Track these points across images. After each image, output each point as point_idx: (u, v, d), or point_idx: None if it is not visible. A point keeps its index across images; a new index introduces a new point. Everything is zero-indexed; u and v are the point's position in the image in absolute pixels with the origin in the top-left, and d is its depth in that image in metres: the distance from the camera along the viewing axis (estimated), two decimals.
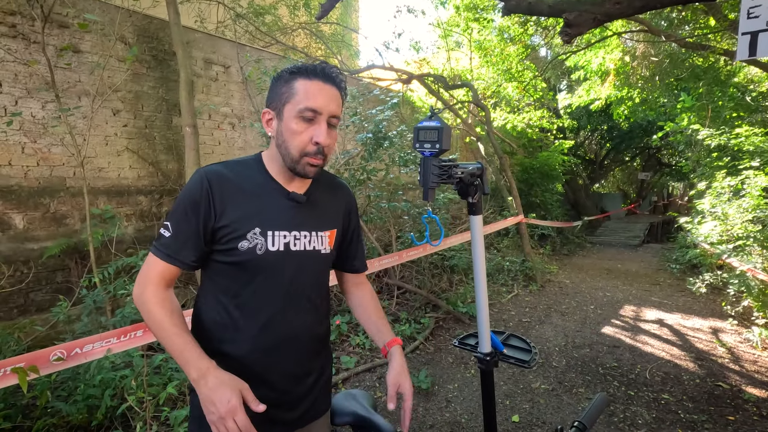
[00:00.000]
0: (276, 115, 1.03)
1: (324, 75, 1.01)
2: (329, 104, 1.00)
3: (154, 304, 0.99)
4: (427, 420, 2.78)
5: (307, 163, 1.01)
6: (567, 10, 2.20)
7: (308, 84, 0.99)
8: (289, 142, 1.01)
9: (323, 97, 0.99)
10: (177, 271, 1.03)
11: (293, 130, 0.99)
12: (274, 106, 1.04)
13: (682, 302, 5.68)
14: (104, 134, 3.88)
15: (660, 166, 18.99)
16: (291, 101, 1.00)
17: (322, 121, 1.00)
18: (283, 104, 1.01)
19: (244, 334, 1.04)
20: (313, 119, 0.99)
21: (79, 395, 2.13)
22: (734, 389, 3.18)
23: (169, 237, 1.00)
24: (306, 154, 1.00)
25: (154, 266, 1.01)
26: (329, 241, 1.15)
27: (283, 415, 1.09)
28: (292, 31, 7.83)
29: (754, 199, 4.26)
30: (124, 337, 1.83)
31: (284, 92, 1.01)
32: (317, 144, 1.00)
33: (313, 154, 1.00)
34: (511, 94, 8.90)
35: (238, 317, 1.04)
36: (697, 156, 6.45)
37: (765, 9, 1.49)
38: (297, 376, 1.10)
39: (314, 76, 1.00)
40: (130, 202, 4.09)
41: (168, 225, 1.01)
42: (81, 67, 3.68)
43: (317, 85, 1.00)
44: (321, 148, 1.01)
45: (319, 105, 0.98)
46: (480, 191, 1.17)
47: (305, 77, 1.00)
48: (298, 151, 1.00)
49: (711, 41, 6.04)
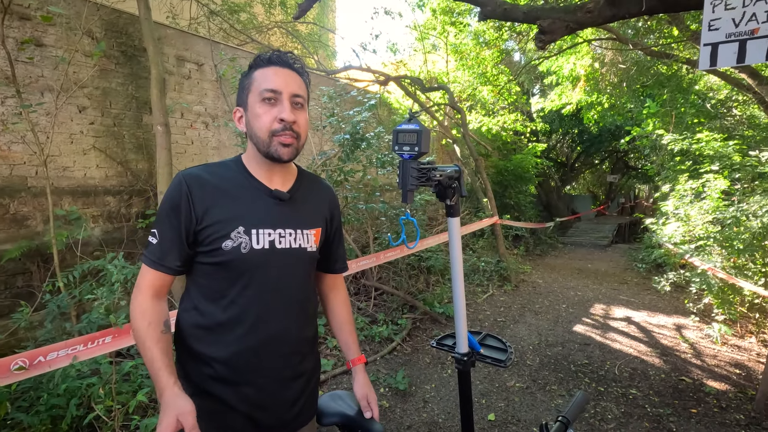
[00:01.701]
0: (244, 109, 1.07)
1: (279, 61, 1.05)
2: (288, 84, 1.03)
3: (136, 314, 1.00)
4: (404, 421, 2.79)
5: (278, 143, 1.02)
6: (541, 17, 2.26)
7: (264, 70, 1.04)
8: (255, 126, 1.03)
9: (280, 78, 1.03)
10: (167, 278, 1.03)
11: (257, 114, 1.02)
12: (242, 102, 1.07)
13: (648, 300, 5.91)
14: (69, 132, 3.72)
15: (627, 169, 19.71)
16: (251, 90, 1.04)
17: (284, 100, 1.02)
18: (247, 96, 1.05)
19: (231, 336, 1.02)
20: (275, 100, 1.02)
21: (42, 405, 2.03)
22: (696, 383, 3.33)
23: (155, 244, 1.01)
24: (274, 132, 1.02)
25: (144, 275, 1.03)
26: (315, 240, 1.15)
27: (273, 420, 1.07)
28: (268, 30, 7.72)
29: (714, 201, 4.47)
30: (91, 343, 1.75)
31: (246, 85, 1.06)
32: (282, 120, 1.01)
33: (280, 131, 1.02)
34: (486, 97, 9.05)
35: (223, 319, 1.02)
36: (661, 160, 6.72)
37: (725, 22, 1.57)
38: (286, 379, 1.08)
39: (269, 63, 1.05)
40: (97, 202, 3.93)
41: (154, 232, 1.02)
42: (44, 61, 3.52)
43: (273, 69, 1.04)
44: (288, 125, 1.02)
45: (276, 85, 1.02)
46: (458, 194, 1.19)
47: (262, 66, 1.05)
48: (265, 131, 1.02)
49: (674, 50, 6.32)
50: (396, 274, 5.08)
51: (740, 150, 4.85)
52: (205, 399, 1.02)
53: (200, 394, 1.02)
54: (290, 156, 1.05)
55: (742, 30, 1.58)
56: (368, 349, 3.81)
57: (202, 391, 1.03)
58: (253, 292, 1.04)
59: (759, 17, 1.55)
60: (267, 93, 1.01)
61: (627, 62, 7.41)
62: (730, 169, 4.73)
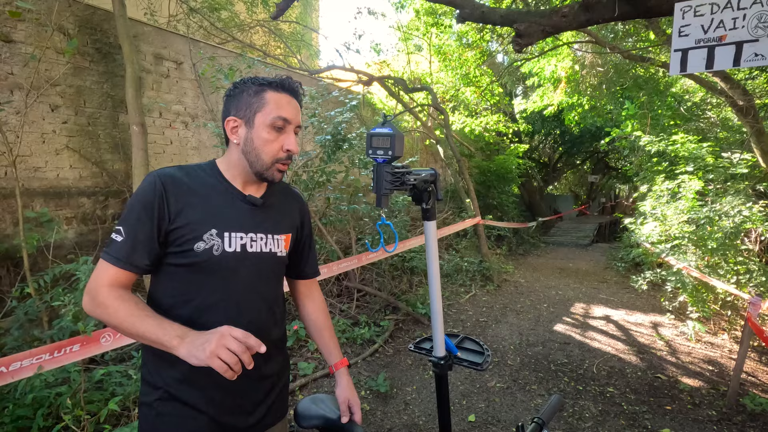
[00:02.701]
0: (245, 123, 1.07)
1: (291, 89, 1.10)
2: (297, 115, 1.10)
3: (114, 299, 0.95)
4: (385, 423, 2.78)
5: (276, 169, 1.09)
6: (517, 20, 2.28)
7: (278, 96, 1.07)
8: (261, 150, 1.06)
9: (292, 108, 1.08)
10: (131, 277, 1.00)
11: (265, 139, 1.06)
12: (243, 115, 1.07)
13: (626, 299, 6.03)
14: (41, 131, 3.60)
15: (608, 170, 20.11)
16: (262, 111, 1.06)
17: (291, 131, 1.08)
18: (253, 113, 1.06)
19: None
20: (284, 128, 1.07)
21: (6, 416, 1.95)
22: (671, 380, 3.40)
23: (121, 242, 0.98)
24: (277, 160, 1.08)
25: (106, 272, 0.98)
26: (285, 245, 1.18)
27: (240, 422, 1.08)
28: (250, 29, 7.62)
29: (689, 202, 4.58)
30: (57, 352, 1.69)
31: (254, 102, 1.06)
32: (288, 151, 1.07)
33: (283, 160, 1.09)
34: (469, 98, 9.11)
35: (191, 320, 1.01)
36: (639, 161, 6.86)
37: (694, 28, 1.61)
38: (253, 380, 1.09)
39: (282, 89, 1.08)
40: (70, 204, 3.82)
41: (120, 230, 0.99)
42: (13, 58, 3.40)
43: (286, 98, 1.08)
44: (291, 155, 1.09)
45: (289, 116, 1.07)
46: (434, 197, 1.19)
47: (275, 90, 1.07)
48: (270, 157, 1.07)
49: (651, 54, 6.46)
50: (379, 275, 5.07)
51: (714, 152, 4.99)
52: (172, 404, 1.02)
53: (166, 398, 1.02)
54: (281, 178, 1.13)
55: (711, 36, 1.62)
56: (350, 352, 3.79)
57: (168, 396, 1.02)
58: (222, 294, 1.04)
59: (726, 24, 1.59)
60: (279, 121, 1.05)
61: (606, 65, 7.55)
62: (704, 171, 4.86)
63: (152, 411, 1.02)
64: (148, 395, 1.03)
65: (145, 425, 1.04)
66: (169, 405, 1.01)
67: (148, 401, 1.03)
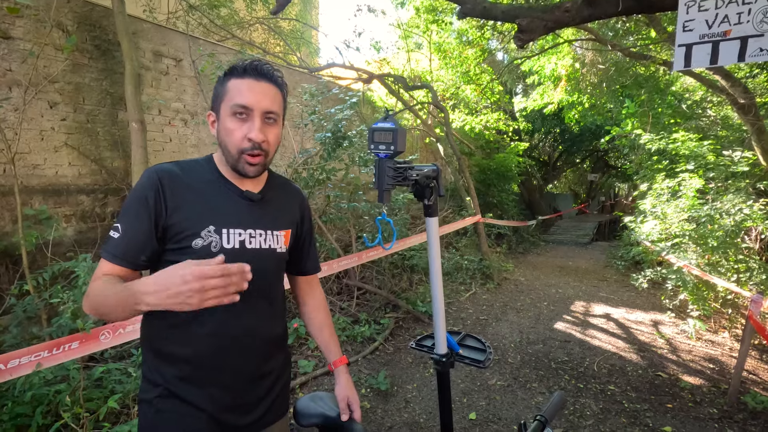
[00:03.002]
0: (216, 115, 1.05)
1: (256, 72, 1.01)
2: (261, 100, 1.00)
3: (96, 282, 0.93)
4: (385, 421, 2.78)
5: (245, 162, 1.01)
6: (519, 15, 2.27)
7: (239, 82, 1.00)
8: (226, 141, 1.02)
9: (253, 93, 1.00)
10: (128, 273, 0.98)
11: (228, 129, 1.00)
12: (214, 107, 1.05)
13: (626, 297, 6.02)
14: (39, 128, 3.59)
15: (607, 168, 20.10)
16: (224, 100, 1.01)
17: (255, 117, 1.00)
18: (219, 105, 1.03)
19: (196, 335, 1.01)
20: (246, 116, 1.00)
21: (5, 414, 1.94)
22: (672, 378, 3.40)
23: (118, 238, 0.97)
24: (243, 151, 1.00)
25: (103, 269, 0.97)
26: (285, 241, 1.16)
27: (240, 420, 1.07)
28: (250, 26, 7.60)
29: (689, 200, 4.58)
30: (56, 349, 1.68)
31: (220, 93, 1.03)
32: (251, 140, 0.99)
33: (249, 150, 1.00)
34: (470, 96, 9.09)
35: (190, 318, 1.00)
36: (639, 159, 6.85)
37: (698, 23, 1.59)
38: (252, 378, 1.08)
39: (245, 74, 1.01)
40: (69, 201, 3.80)
41: (117, 226, 0.97)
42: (11, 54, 3.38)
43: (247, 83, 1.00)
44: (257, 145, 1.00)
45: (248, 101, 0.99)
46: (436, 193, 1.17)
47: (237, 76, 1.01)
48: (234, 148, 1.01)
49: (652, 52, 6.44)
50: (379, 273, 5.06)
51: (714, 150, 4.98)
52: (172, 401, 1.01)
53: (167, 396, 1.01)
54: (256, 173, 1.05)
55: (715, 31, 1.61)
56: (350, 350, 3.78)
57: (169, 394, 1.01)
58: None
59: (731, 19, 1.58)
60: (238, 108, 0.99)
61: (606, 63, 7.53)
62: (705, 169, 4.85)
63: (152, 408, 1.01)
64: (147, 392, 1.03)
65: (144, 422, 1.03)
66: (169, 402, 1.00)
67: (148, 398, 1.02)
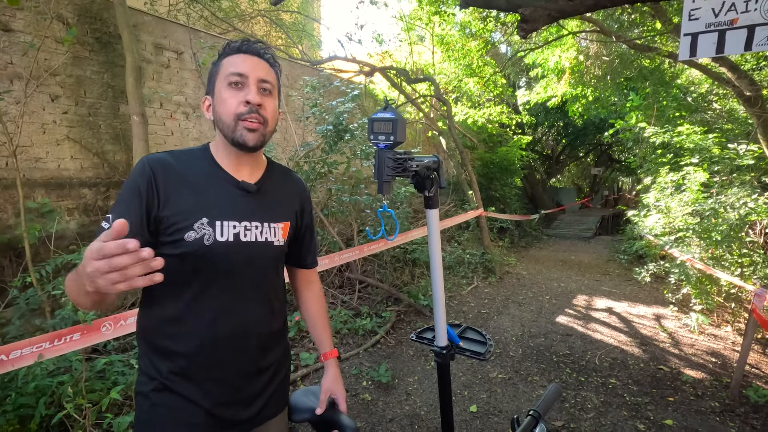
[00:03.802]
0: (212, 97, 1.05)
1: (248, 49, 1.04)
2: (255, 69, 1.01)
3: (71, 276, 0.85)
4: (387, 414, 2.79)
5: (243, 128, 0.99)
6: (523, 5, 2.23)
7: (232, 57, 1.03)
8: (221, 111, 1.01)
9: (247, 63, 1.01)
10: None
11: (223, 99, 1.00)
12: (209, 90, 1.06)
13: (629, 291, 6.01)
14: (41, 122, 3.59)
15: (611, 162, 19.99)
16: (218, 76, 1.02)
17: (251, 84, 1.00)
18: (214, 83, 1.03)
19: (192, 330, 0.99)
20: (241, 84, 1.00)
21: (9, 405, 1.95)
22: (674, 372, 3.39)
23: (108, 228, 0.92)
24: (239, 116, 0.99)
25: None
26: (282, 233, 1.13)
27: (238, 414, 1.06)
28: (251, 19, 7.55)
29: (693, 194, 4.54)
30: (58, 341, 1.69)
31: (213, 73, 1.05)
32: (248, 103, 0.99)
33: (246, 113, 0.99)
34: (472, 89, 9.03)
35: (185, 312, 0.99)
36: (643, 152, 6.80)
37: (704, 12, 1.57)
38: (250, 373, 1.07)
39: (237, 51, 1.03)
40: (72, 195, 3.81)
41: (109, 217, 0.94)
42: (12, 47, 3.38)
43: (240, 57, 1.02)
44: (254, 108, 1.00)
45: (242, 69, 1.00)
46: (436, 185, 1.16)
47: (230, 53, 1.04)
48: (230, 115, 0.99)
49: (657, 43, 6.37)
50: (381, 267, 5.06)
51: (719, 143, 4.93)
52: (167, 395, 1.00)
53: (162, 390, 1.00)
54: (256, 142, 1.02)
55: (722, 20, 1.58)
56: (351, 342, 3.79)
57: (164, 387, 1.00)
58: (215, 285, 1.01)
59: (738, 7, 1.55)
60: (233, 77, 0.99)
61: (611, 55, 7.45)
62: (710, 162, 4.81)
63: (147, 401, 1.01)
64: (144, 385, 1.02)
65: (140, 414, 1.03)
66: (164, 396, 1.00)
67: (144, 391, 1.01)
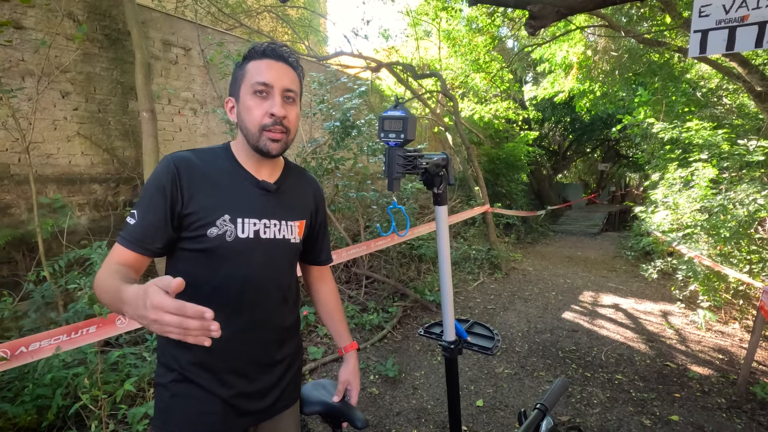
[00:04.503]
0: (236, 99, 1.06)
1: (273, 54, 1.04)
2: (280, 78, 1.02)
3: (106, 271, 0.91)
4: (393, 407, 2.82)
5: (267, 139, 1.02)
6: (531, 2, 2.23)
7: (258, 63, 1.03)
8: (246, 120, 1.03)
9: (273, 72, 1.02)
10: (142, 260, 1.00)
11: (248, 107, 1.02)
12: (233, 92, 1.07)
13: (636, 287, 5.99)
14: (52, 118, 3.64)
15: (618, 158, 19.81)
16: (244, 82, 1.03)
17: (276, 94, 1.02)
18: (238, 87, 1.04)
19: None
20: (266, 93, 1.02)
21: (27, 395, 2.01)
22: (680, 368, 3.39)
23: (134, 225, 0.98)
24: (264, 127, 1.02)
25: (118, 254, 0.98)
26: (298, 231, 1.17)
27: (252, 405, 1.09)
28: (258, 14, 7.56)
29: (702, 190, 4.51)
30: (75, 333, 1.73)
31: (239, 76, 1.05)
32: (273, 115, 1.01)
33: (270, 125, 1.01)
34: (479, 84, 8.99)
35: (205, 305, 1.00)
36: (651, 148, 6.74)
37: (715, 8, 1.56)
38: (266, 365, 1.11)
39: (263, 55, 1.03)
40: (83, 190, 3.87)
41: (134, 213, 0.99)
42: (24, 44, 3.42)
43: (266, 63, 1.03)
44: (278, 120, 1.02)
45: (268, 79, 1.01)
46: (445, 182, 1.18)
47: (255, 58, 1.04)
48: (255, 125, 1.02)
49: (667, 38, 6.30)
50: (387, 263, 5.09)
51: (729, 139, 4.88)
52: (186, 385, 1.03)
53: (182, 380, 1.04)
54: (279, 151, 1.05)
55: (732, 17, 1.57)
56: (359, 337, 3.83)
57: (183, 378, 1.04)
58: (235, 279, 1.04)
59: (749, 4, 1.54)
60: (258, 86, 1.01)
61: (619, 50, 7.39)
62: (719, 158, 4.76)
63: (167, 392, 1.04)
64: (163, 376, 1.05)
65: (160, 405, 1.06)
66: (183, 386, 1.03)
67: (164, 382, 1.05)
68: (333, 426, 1.32)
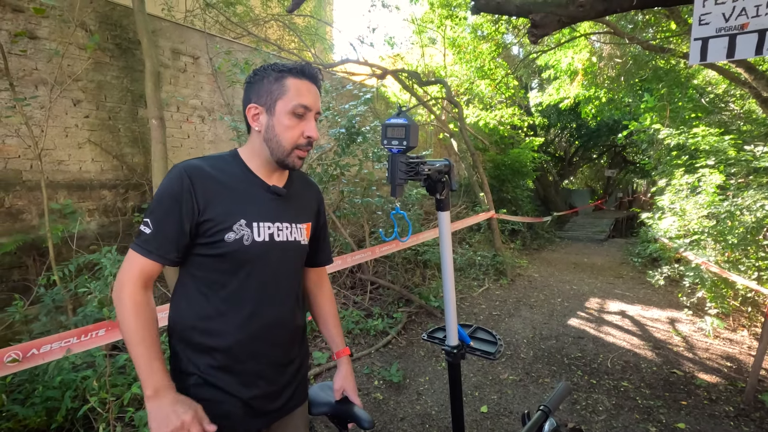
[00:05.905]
0: (266, 110, 1.08)
1: (311, 75, 1.10)
2: (316, 102, 1.10)
3: (129, 309, 0.98)
4: (398, 413, 2.82)
5: (296, 156, 1.10)
6: (533, 11, 2.26)
7: (299, 83, 1.07)
8: (281, 137, 1.07)
9: (312, 95, 1.08)
10: (158, 268, 1.03)
11: (286, 125, 1.06)
12: (264, 102, 1.08)
13: (642, 294, 5.94)
14: (64, 125, 3.71)
15: (625, 164, 19.70)
16: (283, 98, 1.06)
17: (311, 118, 1.09)
18: (274, 101, 1.06)
19: (230, 326, 1.05)
20: (304, 115, 1.07)
21: (37, 397, 2.04)
22: (687, 375, 3.36)
23: (149, 233, 1.01)
24: (297, 147, 1.08)
25: (135, 262, 1.01)
26: (306, 233, 1.21)
27: (270, 405, 1.13)
28: (265, 23, 7.67)
29: (709, 196, 4.48)
30: (84, 336, 1.77)
31: (275, 89, 1.07)
32: (309, 138, 1.08)
33: (303, 146, 1.09)
34: (484, 91, 9.03)
35: (223, 309, 1.05)
36: (658, 154, 6.72)
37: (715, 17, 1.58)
38: (282, 365, 1.14)
39: (303, 75, 1.08)
40: (92, 196, 3.93)
41: (148, 222, 1.01)
42: (38, 54, 3.50)
43: (306, 85, 1.08)
44: (311, 141, 1.10)
45: (309, 102, 1.07)
46: (448, 188, 1.20)
47: (295, 76, 1.07)
48: (290, 143, 1.08)
49: (672, 44, 6.30)
50: (392, 268, 5.10)
51: (736, 145, 4.86)
52: (207, 389, 1.05)
53: (203, 384, 1.05)
54: (301, 165, 1.14)
55: (732, 24, 1.59)
56: (363, 343, 3.84)
57: (204, 382, 1.05)
58: (253, 282, 1.08)
59: (749, 12, 1.56)
60: (300, 109, 1.06)
61: (625, 56, 7.39)
62: (726, 164, 4.74)
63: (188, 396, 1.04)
64: (181, 381, 1.06)
65: None
66: (204, 390, 1.05)
67: (183, 387, 1.05)
68: (340, 427, 1.34)
